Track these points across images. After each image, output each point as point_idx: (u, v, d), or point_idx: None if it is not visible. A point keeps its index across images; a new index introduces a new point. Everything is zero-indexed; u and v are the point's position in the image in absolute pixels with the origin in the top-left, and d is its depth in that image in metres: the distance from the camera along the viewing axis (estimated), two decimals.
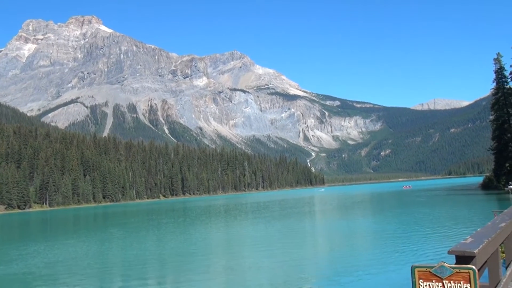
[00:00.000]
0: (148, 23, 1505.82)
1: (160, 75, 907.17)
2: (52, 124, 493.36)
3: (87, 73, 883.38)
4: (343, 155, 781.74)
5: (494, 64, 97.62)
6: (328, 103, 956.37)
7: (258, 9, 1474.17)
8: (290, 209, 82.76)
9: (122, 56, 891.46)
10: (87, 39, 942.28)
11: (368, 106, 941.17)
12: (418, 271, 4.87)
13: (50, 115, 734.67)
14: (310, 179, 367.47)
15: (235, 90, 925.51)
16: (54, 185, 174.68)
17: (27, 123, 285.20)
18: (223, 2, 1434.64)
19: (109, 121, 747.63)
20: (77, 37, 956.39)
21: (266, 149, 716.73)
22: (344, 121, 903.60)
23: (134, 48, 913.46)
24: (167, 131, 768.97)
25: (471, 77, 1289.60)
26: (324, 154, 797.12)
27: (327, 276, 21.24)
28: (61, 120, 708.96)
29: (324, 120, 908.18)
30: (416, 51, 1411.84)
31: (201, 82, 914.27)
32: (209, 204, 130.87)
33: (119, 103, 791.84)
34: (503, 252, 8.45)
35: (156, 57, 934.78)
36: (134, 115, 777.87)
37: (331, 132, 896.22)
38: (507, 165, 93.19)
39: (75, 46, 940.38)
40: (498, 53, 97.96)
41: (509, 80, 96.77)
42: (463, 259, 5.19)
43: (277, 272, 23.24)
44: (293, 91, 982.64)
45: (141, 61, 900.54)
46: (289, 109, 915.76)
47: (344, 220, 53.49)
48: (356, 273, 21.00)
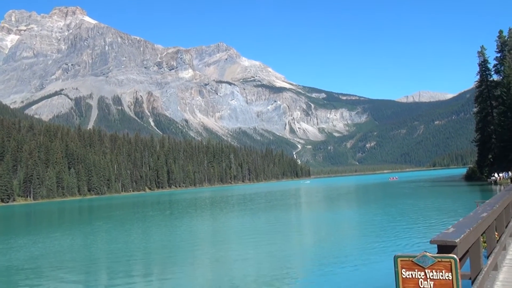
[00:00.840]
0: (133, 14, 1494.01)
1: (145, 67, 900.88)
2: (36, 116, 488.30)
3: (71, 64, 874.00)
4: (329, 147, 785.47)
5: (478, 57, 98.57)
6: (314, 95, 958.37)
7: (244, 1, 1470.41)
8: (276, 201, 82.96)
9: (106, 48, 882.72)
10: (71, 31, 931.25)
11: (353, 98, 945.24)
12: (401, 260, 4.88)
13: (33, 107, 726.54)
14: (296, 171, 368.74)
15: (221, 82, 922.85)
16: (38, 178, 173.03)
17: (10, 116, 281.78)
18: None
19: (94, 113, 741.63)
20: (61, 28, 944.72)
21: (252, 141, 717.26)
22: (330, 113, 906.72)
23: (119, 39, 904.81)
24: (152, 124, 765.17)
25: (456, 70, 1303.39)
26: (310, 146, 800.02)
27: (312, 267, 21.35)
28: (45, 112, 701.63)
29: (310, 113, 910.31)
30: (401, 43, 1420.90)
31: (186, 74, 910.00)
32: (195, 196, 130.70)
33: (104, 95, 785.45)
34: (484, 242, 8.52)
35: (141, 48, 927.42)
36: (119, 107, 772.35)
37: (317, 124, 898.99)
38: (490, 156, 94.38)
39: (59, 38, 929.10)
40: (482, 46, 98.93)
41: (492, 73, 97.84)
42: (445, 248, 5.22)
43: (263, 264, 23.29)
44: (279, 83, 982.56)
45: (126, 52, 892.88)
46: (275, 101, 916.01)
47: (329, 212, 53.76)
48: (341, 263, 21.13)
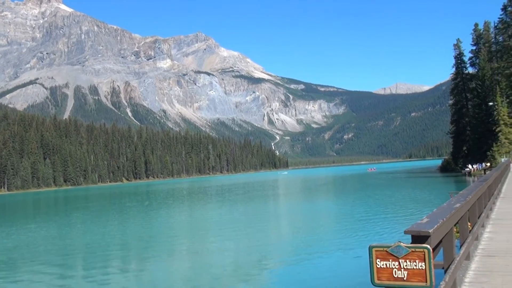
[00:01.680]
0: (110, 3, 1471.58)
1: (122, 57, 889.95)
2: (10, 106, 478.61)
3: (47, 53, 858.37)
4: (307, 139, 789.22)
5: (454, 49, 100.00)
6: (292, 86, 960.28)
7: None
8: (253, 192, 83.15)
9: (83, 36, 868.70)
10: (46, 18, 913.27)
11: (332, 90, 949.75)
12: (376, 250, 4.92)
13: (7, 96, 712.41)
14: (274, 162, 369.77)
15: (199, 72, 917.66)
16: (12, 169, 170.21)
17: None
18: None
19: (70, 103, 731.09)
20: (36, 16, 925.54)
21: (230, 132, 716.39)
22: (308, 104, 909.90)
23: (96, 28, 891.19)
24: (130, 114, 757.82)
25: (432, 62, 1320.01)
26: (288, 138, 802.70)
27: (289, 258, 21.48)
28: (19, 101, 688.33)
29: (289, 104, 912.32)
30: (379, 36, 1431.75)
31: (164, 64, 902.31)
32: (173, 187, 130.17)
33: (80, 84, 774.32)
34: (457, 232, 8.65)
35: (119, 38, 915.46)
36: (96, 97, 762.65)
37: (295, 115, 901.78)
38: (464, 148, 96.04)
39: (34, 25, 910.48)
40: (458, 39, 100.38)
41: (468, 65, 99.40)
42: (418, 238, 5.26)
43: (241, 256, 23.35)
44: (258, 74, 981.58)
45: (103, 41, 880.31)
46: (253, 92, 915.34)
47: (307, 203, 54.12)
48: (318, 254, 21.31)
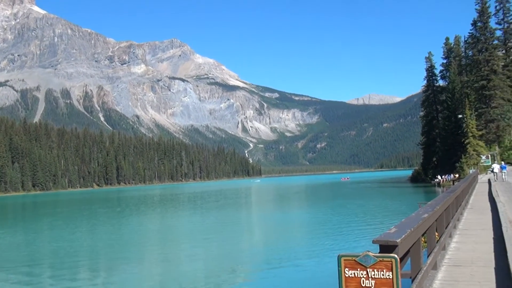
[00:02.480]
0: (84, 6, 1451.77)
1: (96, 61, 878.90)
2: None
3: (18, 55, 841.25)
4: (281, 147, 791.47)
5: (426, 62, 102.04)
6: (267, 95, 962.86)
7: None
8: (226, 199, 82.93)
9: (56, 39, 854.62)
10: (18, 20, 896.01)
11: (306, 99, 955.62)
12: (344, 260, 4.94)
13: None
14: (247, 170, 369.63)
15: (174, 78, 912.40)
16: None
17: None
18: None
19: (41, 106, 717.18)
20: (7, 17, 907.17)
21: (204, 139, 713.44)
22: (283, 113, 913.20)
23: (69, 31, 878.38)
24: (102, 119, 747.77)
25: (404, 75, 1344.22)
26: (262, 146, 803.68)
27: (259, 267, 21.44)
28: None
29: (263, 112, 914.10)
30: (353, 47, 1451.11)
31: (139, 69, 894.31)
32: (144, 194, 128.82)
33: (52, 88, 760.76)
34: (425, 242, 8.76)
35: (93, 41, 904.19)
36: (68, 101, 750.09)
37: (270, 123, 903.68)
38: (434, 159, 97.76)
39: (5, 27, 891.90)
40: (430, 52, 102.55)
41: (439, 78, 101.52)
42: (386, 248, 5.30)
43: (211, 264, 23.22)
44: (232, 81, 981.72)
45: (77, 45, 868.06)
46: (228, 99, 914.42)
47: (279, 211, 54.21)
48: (288, 263, 21.35)
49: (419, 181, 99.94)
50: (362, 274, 4.86)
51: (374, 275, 4.82)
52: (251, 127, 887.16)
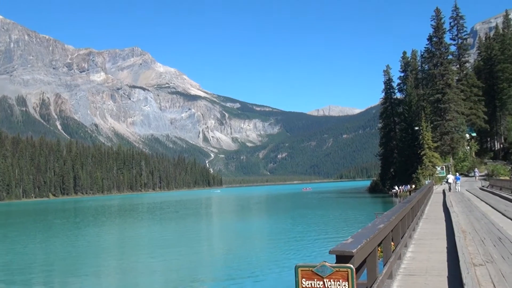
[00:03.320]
0: (43, 12, 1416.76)
1: (54, 68, 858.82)
2: None
3: None
4: (242, 157, 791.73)
5: (384, 75, 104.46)
6: (228, 105, 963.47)
7: (161, 6, 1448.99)
8: (186, 210, 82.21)
9: (12, 45, 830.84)
10: None
11: (267, 109, 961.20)
12: (301, 270, 4.95)
13: None
14: (208, 180, 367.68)
15: (134, 87, 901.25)
16: None
17: None
18: None
19: None
20: None
21: (164, 148, 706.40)
22: (244, 123, 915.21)
23: (26, 37, 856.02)
24: (59, 127, 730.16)
25: (364, 87, 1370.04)
26: (223, 156, 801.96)
27: (218, 278, 21.31)
28: None
29: (224, 122, 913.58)
30: (314, 59, 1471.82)
31: (98, 77, 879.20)
32: (102, 204, 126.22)
33: (7, 94, 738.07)
34: (381, 252, 8.88)
35: (51, 48, 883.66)
36: (24, 109, 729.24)
37: (231, 134, 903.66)
38: (392, 170, 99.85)
39: None
40: (388, 66, 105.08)
41: (396, 91, 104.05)
42: (342, 258, 5.34)
43: (170, 276, 22.90)
44: (194, 91, 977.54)
45: (34, 51, 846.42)
46: (189, 109, 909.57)
47: (239, 222, 54.07)
48: (248, 273, 21.28)
49: (377, 192, 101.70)
50: (319, 284, 4.87)
51: (330, 285, 4.83)
52: (212, 137, 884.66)
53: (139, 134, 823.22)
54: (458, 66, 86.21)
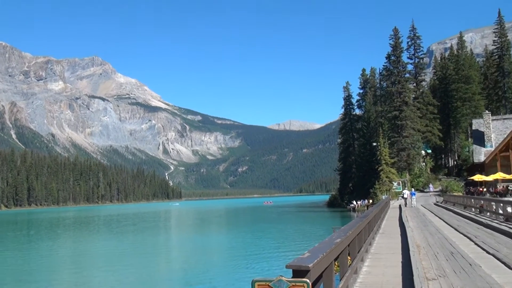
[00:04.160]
0: None
1: (10, 75, 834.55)
2: None
3: None
4: (202, 170, 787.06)
5: (344, 91, 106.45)
6: (189, 117, 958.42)
7: (123, 16, 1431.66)
8: (143, 223, 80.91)
9: None
10: None
11: (228, 123, 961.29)
12: (258, 285, 4.93)
13: None
14: (167, 192, 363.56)
15: (93, 97, 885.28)
16: None
17: None
18: (86, 4, 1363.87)
19: None
20: None
21: (123, 160, 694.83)
22: (205, 136, 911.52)
23: None
24: (14, 136, 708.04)
25: (324, 102, 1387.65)
26: (183, 168, 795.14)
27: None
28: None
29: (185, 134, 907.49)
30: (275, 73, 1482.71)
31: (56, 86, 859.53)
32: (57, 216, 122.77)
33: None
34: (338, 266, 8.96)
35: (7, 55, 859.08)
36: None
37: (191, 146, 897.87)
38: (350, 185, 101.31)
39: None
40: (347, 82, 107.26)
41: (355, 107, 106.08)
42: (299, 273, 5.35)
43: None
44: (155, 102, 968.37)
45: None
46: (149, 120, 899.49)
47: (198, 236, 53.58)
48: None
49: (335, 206, 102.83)
50: None
51: None
52: (172, 149, 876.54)
53: (98, 145, 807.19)
54: (414, 84, 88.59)
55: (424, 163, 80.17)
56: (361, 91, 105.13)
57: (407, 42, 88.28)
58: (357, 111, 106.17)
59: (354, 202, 77.28)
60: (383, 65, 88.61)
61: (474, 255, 12.90)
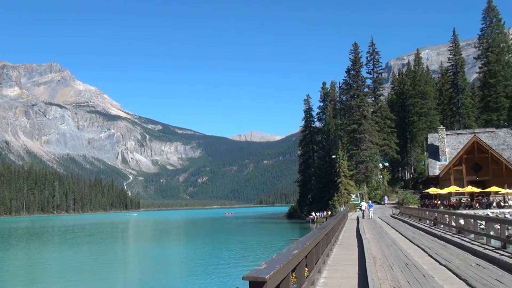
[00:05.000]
0: None
1: None
2: None
3: None
4: (161, 180, 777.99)
5: (304, 104, 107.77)
6: (150, 126, 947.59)
7: (82, 22, 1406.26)
8: (100, 234, 79.19)
9: None
10: None
11: (189, 133, 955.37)
12: None
13: None
14: (125, 203, 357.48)
15: (51, 104, 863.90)
16: None
17: None
18: (44, 7, 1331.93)
19: None
20: None
21: (81, 169, 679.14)
22: (165, 146, 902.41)
23: None
24: None
25: (285, 114, 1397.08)
26: (142, 178, 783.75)
27: None
28: None
29: (145, 144, 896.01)
30: (237, 85, 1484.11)
31: (12, 92, 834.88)
32: (9, 226, 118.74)
33: None
34: (295, 278, 9.00)
35: None
36: None
37: (151, 156, 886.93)
38: (309, 196, 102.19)
39: None
40: (308, 95, 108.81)
41: (315, 120, 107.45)
42: (255, 284, 5.36)
43: None
44: (114, 111, 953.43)
45: None
46: (109, 129, 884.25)
47: (155, 247, 52.82)
48: None
49: (295, 218, 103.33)
50: None
51: None
52: (131, 158, 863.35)
53: (54, 154, 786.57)
54: (373, 98, 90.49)
55: (381, 176, 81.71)
56: (321, 104, 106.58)
57: (367, 57, 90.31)
58: (317, 124, 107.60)
59: (313, 214, 77.89)
60: (343, 79, 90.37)
61: (427, 266, 13.22)
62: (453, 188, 56.54)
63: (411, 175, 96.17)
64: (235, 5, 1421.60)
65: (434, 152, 65.14)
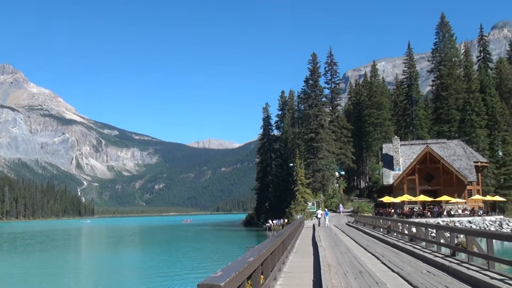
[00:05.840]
0: None
1: None
2: None
3: None
4: (117, 186, 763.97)
5: (263, 112, 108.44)
6: (106, 131, 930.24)
7: (36, 22, 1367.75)
8: (51, 241, 77.01)
9: None
10: None
11: (146, 138, 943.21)
12: None
13: None
14: (79, 209, 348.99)
15: (2, 107, 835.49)
16: None
17: None
18: None
19: None
20: None
21: (32, 174, 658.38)
22: (121, 151, 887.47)
23: None
24: None
25: (244, 122, 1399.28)
26: (96, 184, 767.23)
27: None
28: None
29: (100, 149, 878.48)
30: (195, 91, 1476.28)
31: None
32: None
33: None
34: (250, 285, 9.02)
35: None
36: None
37: (107, 161, 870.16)
38: (267, 204, 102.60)
39: None
40: (267, 104, 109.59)
41: (274, 128, 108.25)
42: None
43: None
44: (69, 115, 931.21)
45: None
46: (63, 133, 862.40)
47: (109, 255, 51.80)
48: None
49: (252, 225, 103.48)
50: None
51: None
52: (86, 164, 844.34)
53: (5, 158, 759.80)
54: (330, 108, 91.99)
55: (337, 184, 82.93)
56: (279, 112, 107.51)
57: (325, 68, 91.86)
58: (276, 132, 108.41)
59: (270, 221, 78.11)
60: (302, 88, 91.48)
61: (380, 273, 13.49)
62: (406, 197, 58.06)
63: (366, 184, 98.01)
64: (184, 4, 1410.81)
65: (389, 162, 66.71)
